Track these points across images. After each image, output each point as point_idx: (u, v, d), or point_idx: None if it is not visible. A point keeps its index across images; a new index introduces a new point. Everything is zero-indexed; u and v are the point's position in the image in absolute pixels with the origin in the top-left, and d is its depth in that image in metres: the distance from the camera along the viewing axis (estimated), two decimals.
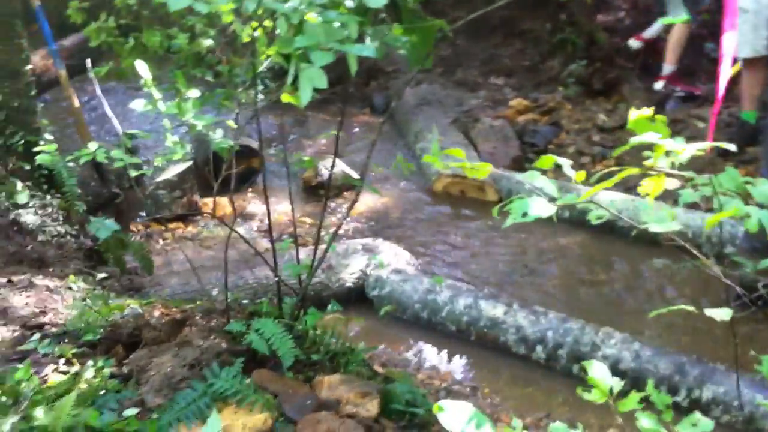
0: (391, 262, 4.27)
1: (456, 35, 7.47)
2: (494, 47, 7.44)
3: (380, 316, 3.75)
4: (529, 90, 6.89)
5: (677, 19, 6.00)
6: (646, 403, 1.73)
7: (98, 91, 3.26)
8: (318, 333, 2.98)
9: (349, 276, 4.23)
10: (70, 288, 3.39)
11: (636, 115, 1.38)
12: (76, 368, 2.59)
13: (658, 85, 6.34)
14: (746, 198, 1.60)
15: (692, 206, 4.56)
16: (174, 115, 2.68)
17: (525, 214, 1.38)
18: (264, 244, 4.64)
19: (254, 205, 5.25)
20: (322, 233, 3.16)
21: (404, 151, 6.10)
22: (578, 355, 3.61)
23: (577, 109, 6.37)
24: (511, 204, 1.41)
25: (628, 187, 4.93)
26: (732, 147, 1.53)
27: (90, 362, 2.60)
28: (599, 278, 4.54)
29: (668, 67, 6.24)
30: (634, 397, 1.62)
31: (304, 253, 3.70)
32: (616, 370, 3.48)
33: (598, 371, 1.64)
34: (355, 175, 5.31)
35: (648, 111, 1.37)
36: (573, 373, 3.64)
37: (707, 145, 1.40)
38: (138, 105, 2.61)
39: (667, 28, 6.22)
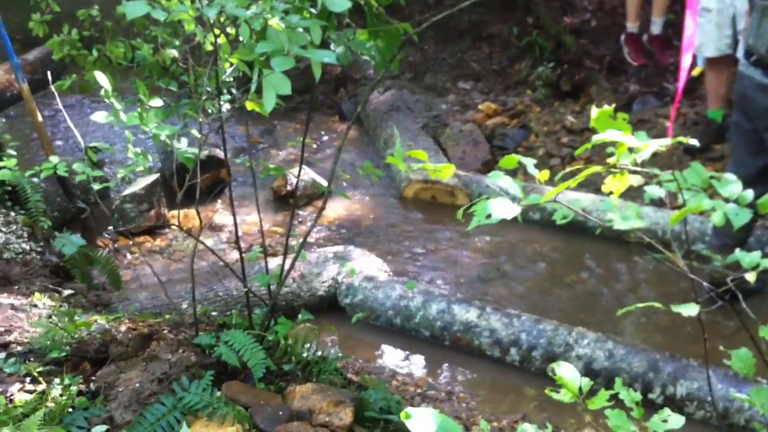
0: (362, 269, 4.24)
1: (424, 40, 7.47)
2: (462, 52, 7.45)
3: (352, 323, 3.73)
4: (498, 94, 6.91)
5: None
6: (617, 401, 1.73)
7: (60, 105, 3.20)
8: (289, 343, 2.96)
9: (320, 284, 4.20)
10: (35, 306, 3.33)
11: (597, 112, 1.37)
12: (42, 386, 2.54)
13: (622, 38, 6.55)
14: (712, 194, 1.60)
15: (661, 204, 4.61)
16: (137, 125, 2.64)
17: (489, 216, 1.36)
18: (234, 255, 4.60)
19: (223, 216, 5.20)
20: (292, 242, 3.13)
21: (374, 157, 6.08)
22: (552, 356, 3.61)
23: (546, 111, 6.39)
24: (475, 206, 1.39)
25: (598, 188, 4.95)
26: (695, 142, 1.53)
27: (57, 380, 2.56)
28: (572, 279, 4.54)
29: (629, 26, 6.43)
30: (603, 395, 1.61)
31: (274, 264, 3.67)
32: (590, 370, 3.49)
33: (566, 371, 1.63)
34: (325, 183, 5.28)
35: (609, 108, 1.37)
36: (548, 374, 3.63)
37: (669, 141, 1.39)
38: (99, 116, 2.57)
39: None
